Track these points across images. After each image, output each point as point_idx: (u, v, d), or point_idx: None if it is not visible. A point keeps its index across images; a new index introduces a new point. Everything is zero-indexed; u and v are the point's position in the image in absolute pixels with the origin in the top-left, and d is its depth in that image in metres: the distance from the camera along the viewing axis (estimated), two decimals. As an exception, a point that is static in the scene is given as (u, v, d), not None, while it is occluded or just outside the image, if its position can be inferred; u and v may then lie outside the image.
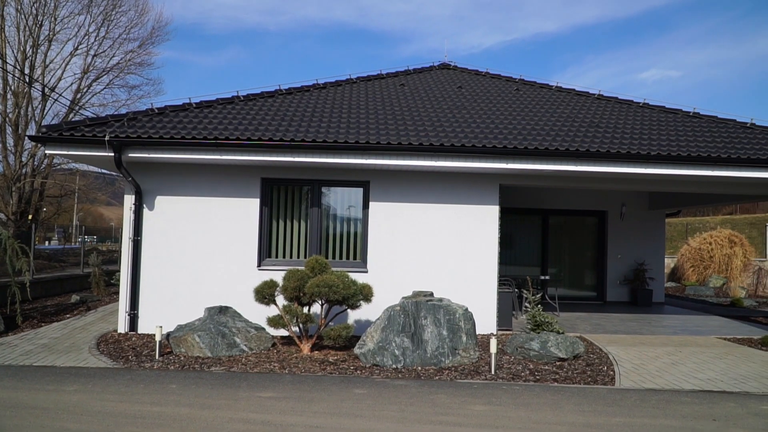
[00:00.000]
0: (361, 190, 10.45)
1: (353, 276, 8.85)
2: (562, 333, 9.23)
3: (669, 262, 24.07)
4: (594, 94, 13.90)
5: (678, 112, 12.76)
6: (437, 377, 7.53)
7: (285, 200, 10.47)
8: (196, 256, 10.12)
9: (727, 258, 21.75)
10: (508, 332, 10.57)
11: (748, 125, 11.84)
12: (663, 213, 16.82)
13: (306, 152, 9.34)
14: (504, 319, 10.80)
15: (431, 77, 14.84)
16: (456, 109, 11.86)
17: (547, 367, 8.08)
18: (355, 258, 10.48)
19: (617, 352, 9.12)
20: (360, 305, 8.61)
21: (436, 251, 10.46)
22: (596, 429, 5.61)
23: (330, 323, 8.88)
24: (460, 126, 10.63)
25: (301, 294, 8.48)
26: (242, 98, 11.46)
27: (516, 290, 12.30)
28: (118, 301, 12.20)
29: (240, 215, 10.18)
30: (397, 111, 11.45)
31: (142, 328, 10.00)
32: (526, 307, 10.23)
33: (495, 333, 10.43)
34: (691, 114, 12.59)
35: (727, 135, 11.16)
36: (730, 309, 15.72)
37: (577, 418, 5.94)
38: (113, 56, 24.22)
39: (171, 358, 8.25)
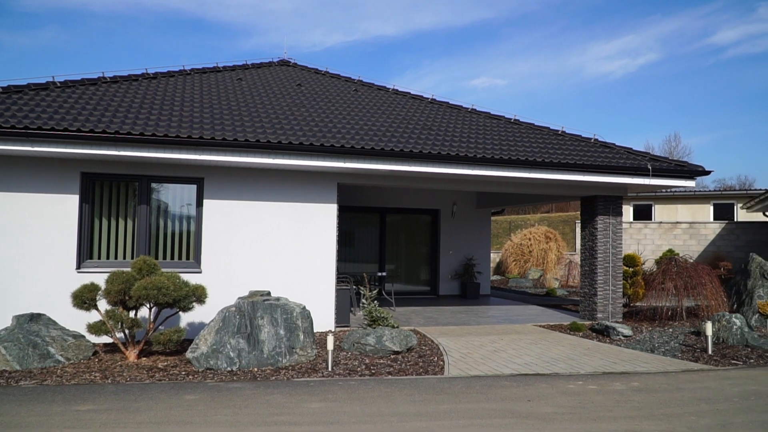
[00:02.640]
0: (194, 186, 10.00)
1: (186, 277, 8.45)
2: (397, 327, 9.56)
3: (494, 257, 25.97)
4: (428, 98, 14.58)
5: (501, 118, 13.79)
6: (274, 377, 7.43)
7: (110, 197, 9.71)
8: (3, 259, 9.04)
9: (543, 252, 23.93)
10: (346, 328, 10.73)
11: (560, 132, 13.11)
12: (489, 211, 18.11)
13: (133, 146, 8.72)
14: (342, 315, 10.94)
15: (270, 73, 14.62)
16: (295, 106, 11.80)
17: (382, 361, 8.31)
18: (188, 258, 10.00)
19: (447, 343, 9.64)
20: (193, 307, 8.24)
21: (274, 250, 10.33)
22: (425, 417, 5.87)
23: (160, 327, 8.40)
24: (299, 124, 10.59)
25: (127, 297, 7.91)
26: (59, 84, 10.44)
27: (354, 287, 12.53)
28: None
29: (56, 213, 9.26)
30: (233, 106, 11.12)
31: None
32: (363, 303, 10.46)
33: (333, 330, 10.54)
34: (512, 120, 13.66)
35: (542, 141, 12.26)
36: (546, 298, 17.33)
37: (408, 408, 6.17)
38: None
39: (-31, 374, 7.29)
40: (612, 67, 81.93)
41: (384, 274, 15.16)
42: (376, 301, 10.35)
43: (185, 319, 9.61)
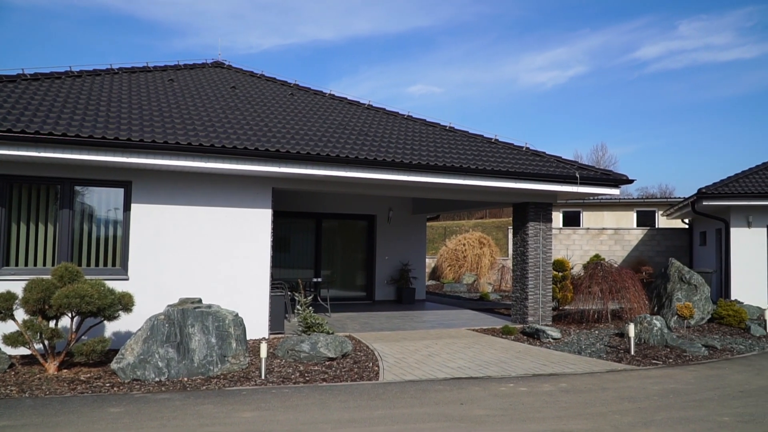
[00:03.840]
0: (122, 190, 9.61)
1: (111, 284, 8.10)
2: (332, 333, 9.50)
3: (430, 262, 26.26)
4: (364, 104, 14.62)
5: (437, 125, 13.98)
6: (205, 387, 7.23)
7: (29, 200, 9.21)
8: None
9: (477, 257, 24.40)
10: (280, 335, 10.58)
11: (493, 140, 13.40)
12: (425, 217, 18.30)
13: (54, 147, 8.30)
14: (276, 322, 10.78)
15: (204, 75, 14.31)
16: (229, 109, 11.58)
17: (317, 368, 8.23)
18: (114, 265, 9.61)
19: (382, 348, 9.66)
20: (119, 316, 7.91)
21: (206, 256, 10.07)
22: (360, 423, 5.85)
23: (83, 338, 8.02)
24: (233, 127, 10.39)
25: (47, 306, 7.52)
26: (-26, 81, 9.85)
27: (289, 293, 12.38)
28: None
29: (-31, 217, 8.70)
30: (164, 107, 10.80)
31: None
32: (298, 309, 10.34)
33: (267, 337, 10.37)
34: (447, 128, 13.87)
35: (476, 148, 12.50)
36: (479, 303, 17.65)
37: (342, 414, 6.13)
38: None
39: None
40: (543, 78, 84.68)
41: (320, 279, 15.06)
42: (311, 308, 10.26)
43: (111, 328, 9.22)
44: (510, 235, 24.00)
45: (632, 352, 9.56)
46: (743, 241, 16.54)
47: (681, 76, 79.51)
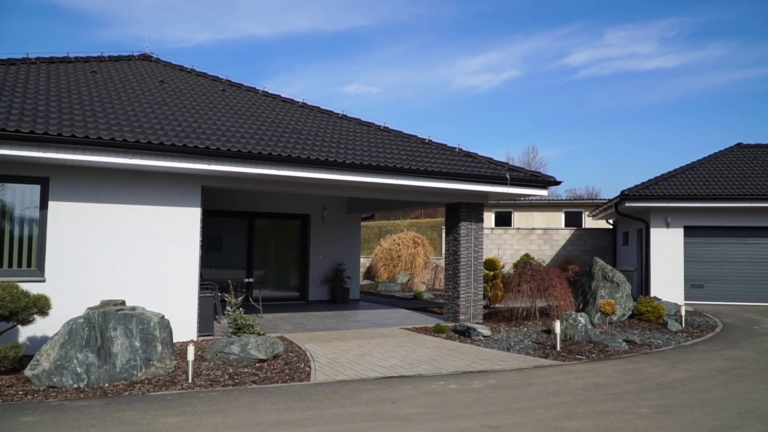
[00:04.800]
0: (38, 187, 9.11)
1: (26, 286, 7.67)
2: (263, 334, 9.35)
3: (365, 262, 26.29)
4: (298, 102, 14.46)
5: (371, 125, 13.99)
6: (128, 393, 6.95)
7: (-65, 197, 8.61)
8: None
9: (412, 257, 24.60)
10: (209, 338, 10.31)
11: (427, 141, 13.53)
12: (359, 217, 18.29)
13: (-36, 140, 7.80)
14: (205, 324, 10.51)
15: (130, 68, 13.79)
16: (156, 104, 11.20)
17: (247, 370, 8.07)
18: (29, 266, 9.10)
19: (315, 349, 9.57)
20: (34, 320, 7.51)
21: (131, 256, 9.69)
22: (290, 425, 5.77)
23: (-5, 343, 7.56)
24: (160, 123, 10.05)
25: (-46, 310, 7.05)
26: None
27: (219, 294, 12.10)
28: None
29: None
30: (86, 100, 10.34)
31: None
32: (228, 310, 10.11)
33: (195, 339, 10.08)
34: (381, 128, 13.90)
35: (410, 148, 12.59)
36: (413, 302, 17.79)
37: (272, 417, 6.03)
38: None
39: None
40: (478, 81, 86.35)
41: (251, 280, 14.79)
42: (242, 309, 10.05)
43: (25, 333, 8.73)
44: (444, 235, 24.33)
45: (558, 348, 9.85)
46: (662, 240, 17.38)
47: (607, 83, 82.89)
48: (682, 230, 17.34)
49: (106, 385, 7.23)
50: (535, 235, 25.80)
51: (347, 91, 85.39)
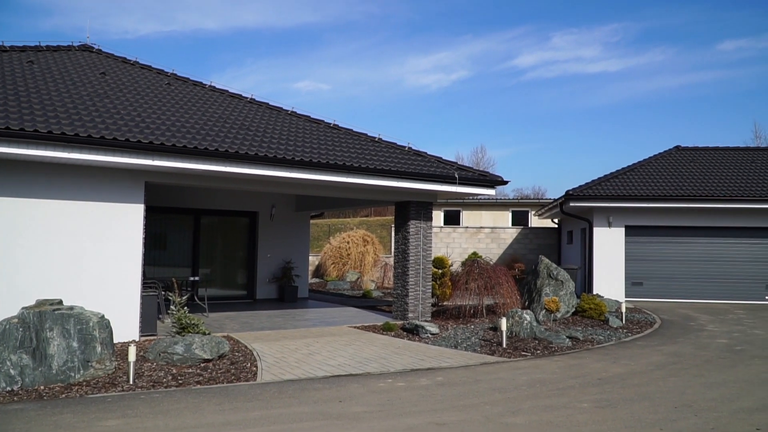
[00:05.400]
0: (-31, 181, 8.68)
1: (-45, 285, 7.30)
2: (209, 334, 9.16)
3: (314, 260, 26.13)
4: (247, 98, 14.24)
5: (321, 122, 13.90)
6: (65, 395, 6.69)
7: None
8: None
9: (361, 255, 24.59)
10: (152, 338, 10.03)
11: (377, 139, 13.54)
12: (309, 214, 18.16)
13: None
14: (148, 324, 10.22)
15: (69, 58, 13.28)
16: (97, 96, 10.82)
17: (191, 370, 7.89)
18: (-40, 263, 8.66)
19: (262, 348, 9.44)
20: (-37, 320, 7.13)
21: (70, 254, 9.33)
22: (235, 425, 5.66)
23: None
24: (101, 116, 9.71)
25: None
26: None
27: (163, 293, 11.79)
28: None
29: None
30: (21, 91, 9.90)
31: None
32: (172, 310, 9.86)
33: (137, 340, 9.80)
34: (331, 125, 13.83)
35: (360, 146, 12.56)
36: (362, 300, 17.78)
37: (216, 418, 5.91)
38: None
39: None
40: (428, 80, 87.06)
41: (197, 278, 14.48)
42: (186, 308, 9.82)
43: (-45, 333, 8.29)
44: (393, 233, 24.46)
45: (504, 345, 10.02)
46: (604, 239, 17.91)
47: (554, 85, 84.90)
48: (623, 229, 17.91)
49: (42, 387, 6.95)
50: (483, 234, 26.19)
51: (297, 87, 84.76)
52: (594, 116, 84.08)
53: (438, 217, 29.98)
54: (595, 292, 16.86)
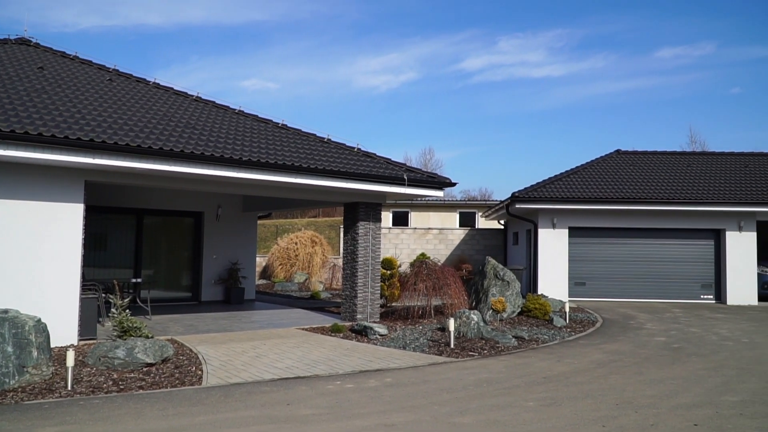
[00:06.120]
0: None
1: None
2: (152, 337, 8.91)
3: (261, 261, 25.80)
4: (192, 96, 13.93)
5: (269, 122, 13.73)
6: (-3, 403, 6.38)
7: None
8: None
9: (309, 256, 24.43)
10: (92, 341, 9.68)
11: (325, 140, 13.47)
12: (256, 215, 17.91)
13: None
14: (88, 327, 9.86)
15: (5, 52, 12.70)
16: (35, 92, 10.38)
17: (133, 375, 7.65)
18: None
19: (207, 351, 9.25)
20: None
21: (4, 255, 8.91)
22: (179, 431, 5.53)
23: None
24: (39, 112, 9.31)
25: None
26: None
27: (104, 295, 11.40)
28: None
29: None
30: (-49, 85, 9.39)
31: None
32: (113, 312, 9.54)
33: (76, 344, 9.44)
34: (280, 125, 13.68)
35: (309, 147, 12.47)
36: (310, 301, 17.66)
37: (159, 423, 5.75)
38: None
39: None
40: (377, 81, 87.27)
41: (140, 280, 14.06)
42: (128, 310, 9.52)
43: None
44: (342, 234, 24.43)
45: (452, 345, 10.12)
46: (549, 240, 18.34)
47: (500, 88, 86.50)
48: (567, 231, 18.38)
49: (-28, 396, 6.60)
50: (431, 235, 26.42)
51: (244, 86, 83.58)
52: (539, 120, 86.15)
53: (387, 218, 30.09)
54: (539, 292, 17.24)
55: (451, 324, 10.26)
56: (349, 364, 8.62)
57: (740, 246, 18.21)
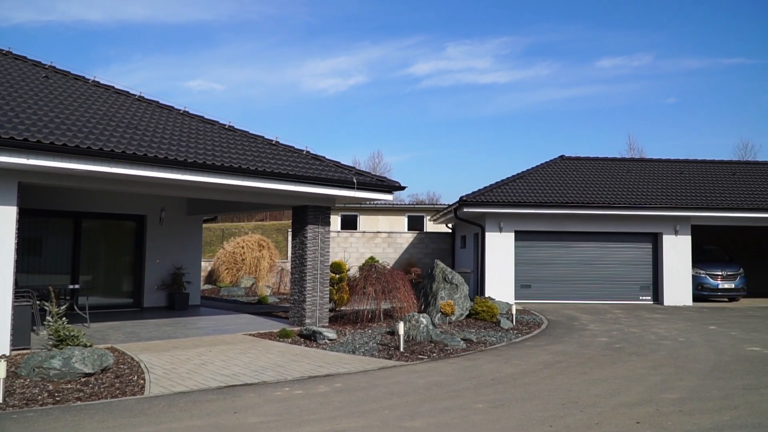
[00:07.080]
0: None
1: None
2: (90, 346, 8.54)
3: (206, 266, 25.22)
4: (134, 95, 13.49)
5: (215, 123, 13.44)
6: None
7: None
8: None
9: (256, 260, 24.03)
10: (25, 351, 9.20)
11: (274, 142, 13.27)
12: (201, 218, 17.49)
13: None
14: (21, 336, 9.37)
15: (-70, 45, 11.98)
16: (-37, 88, 9.82)
17: (70, 386, 7.31)
18: None
19: (150, 360, 8.93)
20: None
21: (-74, 260, 8.38)
22: (119, 445, 5.29)
23: None
24: (-33, 109, 8.82)
25: None
26: None
27: (39, 302, 10.88)
28: None
29: None
30: None
31: None
32: (48, 321, 9.11)
33: (9, 354, 8.96)
34: (226, 127, 13.41)
35: (257, 149, 12.26)
36: (258, 306, 17.35)
37: (99, 437, 5.49)
38: None
39: None
40: (325, 84, 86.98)
41: (77, 286, 13.48)
42: (65, 318, 9.11)
43: None
44: (290, 238, 24.10)
45: (402, 349, 10.11)
46: (496, 244, 18.61)
47: (448, 94, 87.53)
48: (513, 234, 18.69)
49: None
50: (380, 239, 26.43)
51: (189, 86, 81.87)
52: (485, 125, 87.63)
53: (335, 221, 29.94)
54: (487, 295, 17.46)
55: (401, 328, 10.24)
56: (298, 370, 8.48)
57: (676, 249, 18.93)
